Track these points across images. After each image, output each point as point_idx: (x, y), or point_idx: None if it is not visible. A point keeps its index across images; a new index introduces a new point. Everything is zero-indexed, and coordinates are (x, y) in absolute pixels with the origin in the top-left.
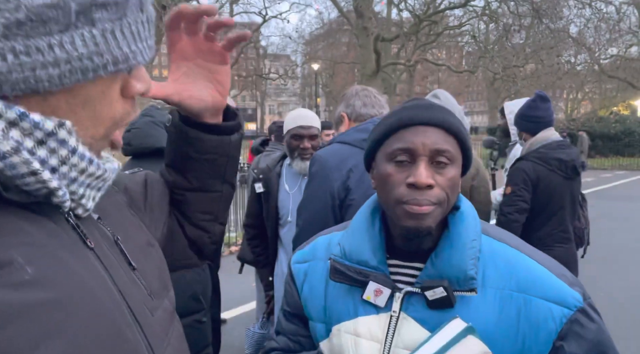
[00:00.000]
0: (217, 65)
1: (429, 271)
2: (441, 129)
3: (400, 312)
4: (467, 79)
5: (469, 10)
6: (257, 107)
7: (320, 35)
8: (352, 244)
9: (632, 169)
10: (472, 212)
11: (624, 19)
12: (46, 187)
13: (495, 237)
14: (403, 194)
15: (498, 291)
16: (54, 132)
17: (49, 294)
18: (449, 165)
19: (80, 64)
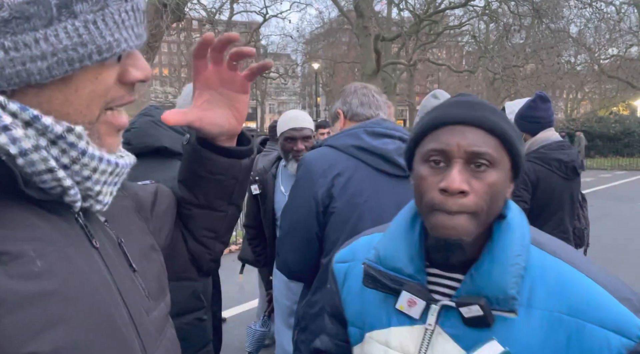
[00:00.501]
0: (237, 93)
1: (468, 285)
2: (481, 129)
3: (435, 326)
4: (467, 79)
5: (469, 10)
6: (257, 106)
7: (320, 34)
8: (387, 249)
9: (632, 169)
10: (520, 222)
11: (624, 19)
12: (60, 185)
13: (548, 250)
14: (435, 200)
15: (546, 313)
16: (63, 135)
17: (54, 286)
18: (489, 169)
19: (67, 56)
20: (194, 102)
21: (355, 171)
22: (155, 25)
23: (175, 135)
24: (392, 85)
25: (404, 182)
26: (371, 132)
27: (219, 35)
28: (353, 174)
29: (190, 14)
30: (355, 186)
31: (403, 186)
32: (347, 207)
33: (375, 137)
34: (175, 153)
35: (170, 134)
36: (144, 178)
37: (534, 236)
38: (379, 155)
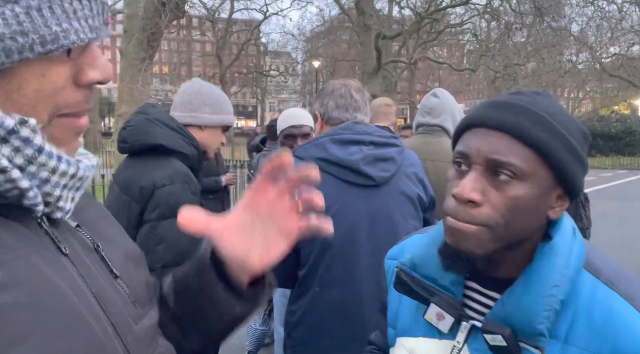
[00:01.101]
0: (279, 235)
1: (498, 309)
2: (508, 135)
3: (464, 344)
4: (468, 78)
5: (470, 8)
6: (258, 105)
7: (321, 32)
8: (422, 256)
9: (633, 168)
10: (568, 247)
11: (626, 17)
12: (16, 187)
13: (604, 280)
14: (448, 205)
15: (585, 353)
16: (15, 130)
17: (20, 297)
18: (513, 181)
19: (3, 45)
20: (229, 218)
21: (322, 184)
22: (154, 23)
23: (171, 133)
24: (393, 83)
25: (376, 191)
26: (338, 140)
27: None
28: (320, 189)
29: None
30: (323, 201)
31: (375, 195)
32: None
33: (342, 146)
34: (171, 151)
35: (166, 132)
36: (140, 176)
37: (591, 259)
38: (345, 167)
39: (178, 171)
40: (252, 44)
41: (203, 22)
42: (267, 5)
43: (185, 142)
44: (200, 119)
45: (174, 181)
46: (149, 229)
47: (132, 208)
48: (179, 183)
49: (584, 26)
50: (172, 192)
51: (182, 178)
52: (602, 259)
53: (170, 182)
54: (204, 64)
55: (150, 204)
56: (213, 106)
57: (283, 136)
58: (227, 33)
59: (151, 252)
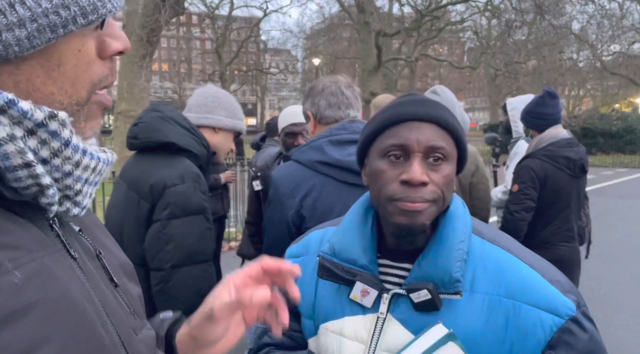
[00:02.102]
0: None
1: (416, 272)
2: (436, 125)
3: (387, 314)
4: (468, 75)
5: (471, 5)
6: (258, 102)
7: (321, 30)
8: (341, 242)
9: (634, 167)
10: (462, 212)
11: (627, 15)
12: (37, 183)
13: (487, 239)
14: (396, 191)
15: (487, 296)
16: (44, 123)
17: (36, 301)
18: (444, 162)
19: (47, 20)
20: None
21: (322, 188)
22: (154, 20)
23: (182, 131)
24: (393, 81)
25: None
26: (336, 141)
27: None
28: (321, 192)
29: (189, 8)
30: (324, 204)
31: None
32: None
33: (339, 147)
34: (182, 149)
35: (178, 130)
36: (149, 174)
37: (474, 226)
38: (345, 168)
39: (189, 170)
40: (252, 41)
41: (203, 19)
42: (267, 2)
43: (196, 142)
44: (215, 121)
45: (185, 180)
46: (158, 228)
47: (141, 206)
48: (190, 183)
49: (584, 24)
50: (182, 192)
51: (192, 178)
52: (481, 224)
53: (181, 182)
54: (203, 61)
55: (160, 203)
56: (229, 110)
57: (284, 133)
58: (227, 30)
59: (160, 251)
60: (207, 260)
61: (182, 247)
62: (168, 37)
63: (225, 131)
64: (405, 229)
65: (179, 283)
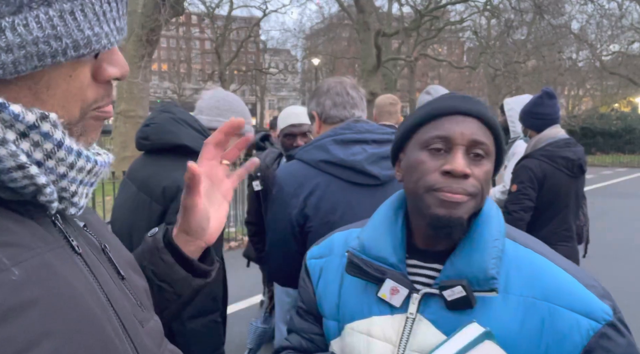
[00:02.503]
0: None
1: (448, 271)
2: (479, 121)
3: (416, 314)
4: (468, 75)
5: (470, 5)
6: (257, 102)
7: (320, 29)
8: (371, 239)
9: (633, 166)
10: (495, 214)
11: (626, 15)
12: (34, 183)
13: (520, 243)
14: (436, 181)
15: (522, 298)
16: (36, 125)
17: (35, 297)
18: (484, 158)
19: (36, 49)
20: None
21: (326, 187)
22: (153, 20)
23: (195, 134)
24: (393, 81)
25: (379, 190)
26: (340, 140)
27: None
28: (325, 191)
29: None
30: (328, 204)
31: (379, 194)
32: (323, 226)
33: (344, 146)
34: (194, 152)
35: (190, 132)
36: (162, 176)
37: (508, 231)
38: (349, 168)
39: None
40: (252, 41)
41: (202, 19)
42: (266, 2)
43: None
44: None
45: None
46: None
47: (153, 208)
48: None
49: (584, 24)
50: None
51: None
52: (512, 229)
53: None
54: (203, 61)
55: (173, 206)
56: (239, 114)
57: (283, 135)
58: (227, 30)
59: None
60: (217, 262)
61: None
62: (167, 37)
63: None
64: (444, 220)
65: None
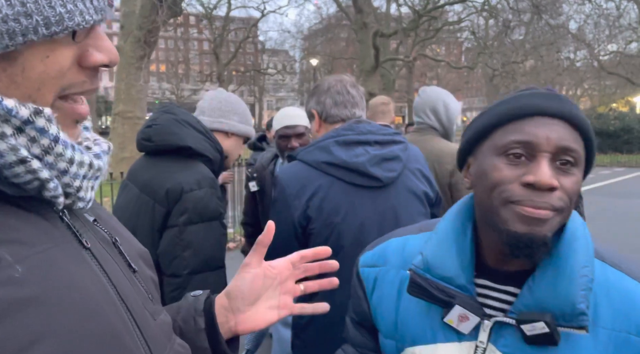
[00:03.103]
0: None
1: (526, 299)
2: (568, 124)
3: (488, 343)
4: (466, 75)
5: (468, 5)
6: (255, 103)
7: (318, 30)
8: (436, 256)
9: (631, 166)
10: (583, 233)
11: (624, 15)
12: (37, 178)
13: (610, 263)
14: (515, 194)
15: (613, 333)
16: (31, 120)
17: (38, 293)
18: (574, 167)
19: (6, 27)
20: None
21: (329, 188)
22: (151, 21)
23: (198, 135)
24: (391, 81)
25: (382, 192)
26: (342, 142)
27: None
28: (327, 193)
29: (187, 9)
30: (330, 205)
31: (382, 196)
32: (325, 227)
33: (346, 148)
34: (197, 154)
35: (194, 134)
36: (165, 178)
37: (595, 248)
38: (352, 169)
39: (205, 175)
40: (250, 42)
41: (200, 20)
42: (264, 3)
43: (211, 147)
44: (230, 126)
45: (202, 185)
46: (175, 234)
47: (156, 211)
48: (207, 188)
49: (582, 24)
50: (200, 198)
51: (209, 183)
52: (600, 244)
53: (198, 187)
54: (201, 62)
55: (176, 208)
56: (241, 115)
57: (278, 136)
58: (225, 31)
59: (177, 258)
60: (222, 266)
61: (199, 253)
62: (166, 38)
63: (236, 136)
64: (524, 239)
65: (196, 290)
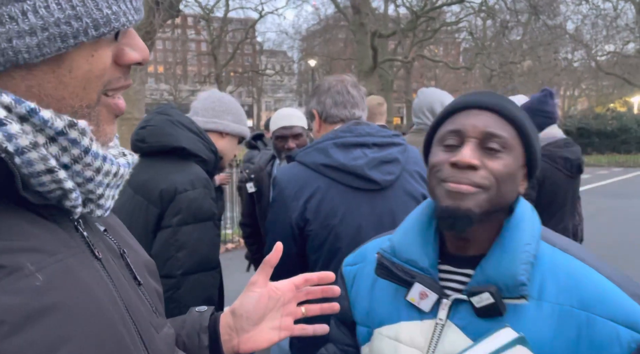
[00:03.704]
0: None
1: (478, 277)
2: (495, 114)
3: (446, 320)
4: (464, 76)
5: (466, 6)
6: (254, 104)
7: (316, 31)
8: (402, 242)
9: (628, 166)
10: (530, 216)
11: (621, 15)
12: (61, 188)
13: (559, 247)
14: (444, 173)
15: (557, 307)
16: (64, 131)
17: (57, 302)
18: (502, 153)
19: (59, 30)
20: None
21: (327, 190)
22: (148, 22)
23: (192, 136)
24: (389, 82)
25: (379, 195)
26: (341, 144)
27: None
28: (325, 195)
29: (185, 10)
30: (328, 207)
31: (379, 199)
32: (322, 229)
33: (345, 150)
34: (191, 154)
35: (188, 135)
36: (159, 179)
37: (545, 234)
38: (350, 172)
39: (199, 176)
40: (248, 43)
41: (198, 21)
42: (262, 4)
43: (205, 147)
44: (223, 126)
45: (196, 186)
46: (169, 234)
47: (150, 211)
48: (201, 189)
49: (579, 24)
50: (194, 198)
51: (203, 183)
52: (552, 233)
53: (192, 188)
54: (199, 63)
55: (170, 209)
56: (235, 115)
57: (275, 137)
58: (223, 32)
59: (171, 258)
60: (216, 267)
61: (193, 254)
62: (163, 39)
63: (231, 136)
64: (448, 212)
65: (190, 290)
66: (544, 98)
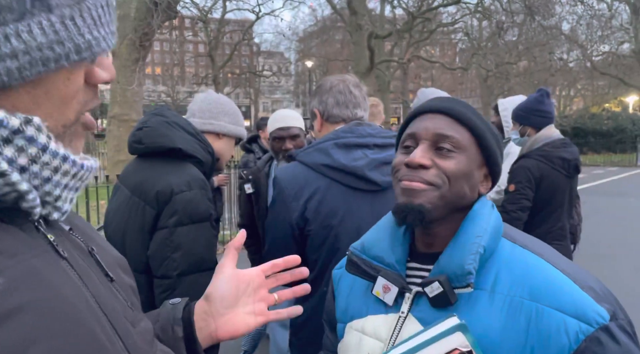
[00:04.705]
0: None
1: (435, 269)
2: (448, 117)
3: (408, 313)
4: (460, 76)
5: (462, 7)
6: (251, 105)
7: (313, 32)
8: (372, 239)
9: (624, 166)
10: (487, 211)
11: (616, 15)
12: (15, 190)
13: (519, 244)
14: (400, 173)
15: (508, 298)
16: (21, 129)
17: (23, 303)
18: (454, 153)
19: (41, 55)
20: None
21: (327, 191)
22: (146, 24)
23: (188, 137)
24: (386, 82)
25: (380, 196)
26: (342, 144)
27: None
28: (325, 195)
29: (182, 12)
30: (328, 207)
31: (379, 199)
32: (322, 229)
33: (345, 150)
34: (188, 155)
35: (184, 136)
36: (155, 180)
37: (508, 231)
38: (350, 173)
39: (195, 177)
40: (245, 44)
41: (195, 22)
42: (259, 5)
43: (201, 148)
44: (220, 127)
45: (192, 187)
46: (165, 235)
47: (146, 212)
48: (197, 189)
49: (574, 24)
50: (190, 199)
51: (199, 184)
52: (516, 231)
53: (189, 189)
54: (196, 64)
55: (166, 210)
56: (232, 116)
57: (272, 138)
58: (220, 33)
59: (167, 259)
60: (212, 268)
61: (189, 255)
62: (161, 41)
63: (228, 137)
64: (401, 207)
65: (186, 291)
66: (540, 98)
